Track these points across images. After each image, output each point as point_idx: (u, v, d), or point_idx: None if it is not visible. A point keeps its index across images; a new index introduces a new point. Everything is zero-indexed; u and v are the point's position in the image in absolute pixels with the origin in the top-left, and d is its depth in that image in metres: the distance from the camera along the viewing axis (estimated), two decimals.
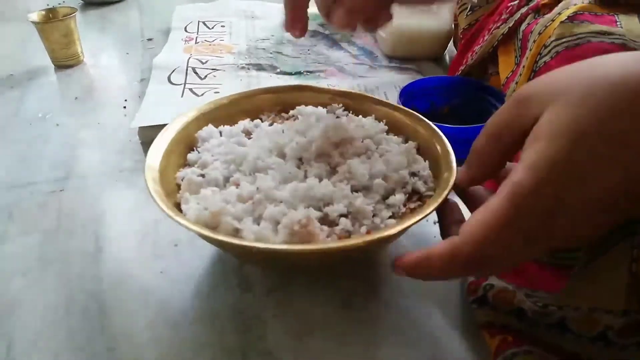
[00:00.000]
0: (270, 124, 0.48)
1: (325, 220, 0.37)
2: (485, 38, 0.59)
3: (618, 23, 0.46)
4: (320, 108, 0.48)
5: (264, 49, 0.80)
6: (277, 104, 0.50)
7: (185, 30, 0.85)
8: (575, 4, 0.49)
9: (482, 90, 0.60)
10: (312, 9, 0.97)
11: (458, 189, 0.37)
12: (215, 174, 0.41)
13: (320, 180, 0.39)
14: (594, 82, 0.26)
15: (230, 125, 0.47)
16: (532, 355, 0.33)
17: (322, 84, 0.69)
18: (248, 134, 0.46)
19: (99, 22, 0.94)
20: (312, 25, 0.90)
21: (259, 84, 0.68)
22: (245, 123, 0.48)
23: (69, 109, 0.66)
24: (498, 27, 0.57)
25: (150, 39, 0.86)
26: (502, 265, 0.30)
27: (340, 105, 0.49)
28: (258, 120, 0.49)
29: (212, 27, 0.87)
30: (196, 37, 0.83)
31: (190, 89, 0.66)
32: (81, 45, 0.77)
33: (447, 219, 0.36)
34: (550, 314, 0.33)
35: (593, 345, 0.31)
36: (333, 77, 0.72)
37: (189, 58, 0.74)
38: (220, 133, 0.46)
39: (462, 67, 0.63)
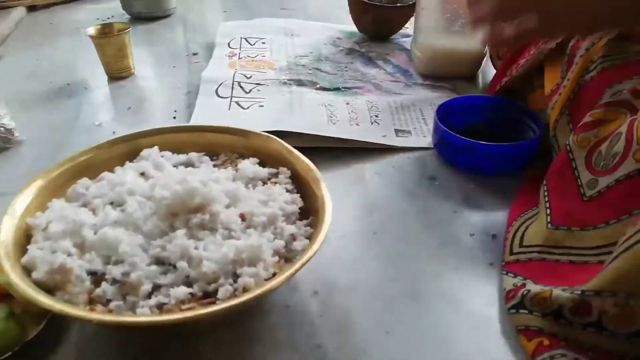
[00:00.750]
0: (218, 165, 0.49)
1: (97, 276, 0.37)
2: (532, 52, 0.62)
3: None
4: (262, 169, 0.47)
5: (303, 65, 0.84)
6: (245, 148, 0.50)
7: (229, 46, 0.90)
8: None
9: (516, 110, 0.63)
10: (351, 28, 1.01)
11: None
12: (92, 193, 0.43)
13: (161, 237, 0.39)
14: None
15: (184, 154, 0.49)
16: (566, 357, 0.35)
17: (360, 99, 0.73)
18: (190, 166, 0.48)
19: (147, 37, 1.00)
20: (348, 43, 0.94)
21: (301, 98, 0.72)
22: (193, 155, 0.49)
23: (123, 118, 0.72)
24: (545, 42, 0.60)
25: (195, 54, 0.91)
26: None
27: (288, 171, 0.47)
28: (206, 157, 0.49)
29: (254, 44, 0.92)
30: (239, 53, 0.87)
31: (237, 102, 0.70)
32: (132, 59, 0.83)
33: None
34: (588, 313, 0.35)
35: (628, 342, 0.34)
36: (370, 93, 0.76)
37: (235, 73, 0.79)
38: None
39: (505, 79, 0.66)
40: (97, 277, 0.37)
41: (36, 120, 0.70)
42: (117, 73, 0.81)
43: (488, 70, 0.83)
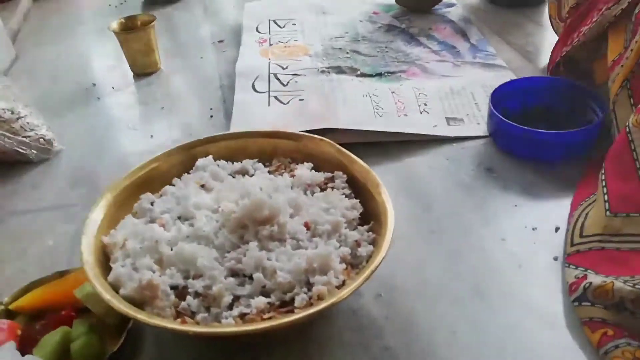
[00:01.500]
0: (272, 171, 0.56)
1: (179, 290, 0.44)
2: (594, 19, 0.67)
3: None
4: (318, 175, 0.54)
5: (340, 48, 0.91)
6: (297, 151, 0.57)
7: (257, 31, 0.98)
8: None
9: (577, 92, 0.69)
10: (388, 0, 1.07)
11: None
12: (158, 208, 0.51)
13: (233, 249, 0.47)
14: None
15: (238, 161, 0.57)
16: (630, 346, 0.43)
17: (406, 86, 0.80)
18: (245, 173, 0.56)
19: (165, 23, 1.08)
20: (386, 19, 1.00)
21: (342, 88, 0.79)
22: (247, 163, 0.57)
23: (158, 119, 0.80)
24: (609, 8, 0.64)
25: (221, 41, 0.99)
26: None
27: (344, 176, 0.54)
28: (260, 164, 0.57)
29: (284, 26, 0.99)
30: (269, 38, 0.95)
31: (276, 97, 0.78)
32: (159, 53, 0.91)
33: None
34: None
35: None
36: (415, 77, 0.83)
37: (269, 63, 0.86)
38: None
39: (566, 48, 0.72)
40: (178, 291, 0.45)
41: (69, 126, 0.79)
42: (144, 69, 0.90)
43: (544, 42, 0.88)
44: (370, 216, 0.51)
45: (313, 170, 0.55)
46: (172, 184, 0.55)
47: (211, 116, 0.79)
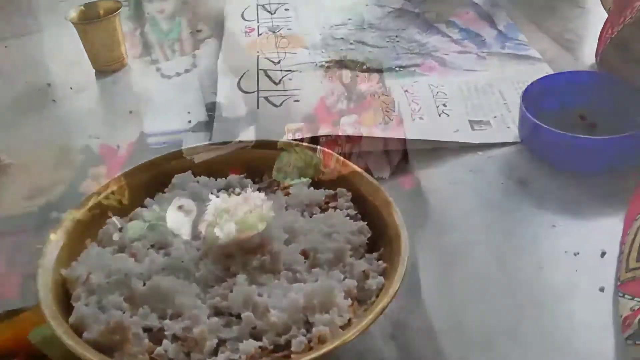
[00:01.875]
0: (263, 189, 0.56)
1: (154, 333, 0.45)
2: None
3: None
4: (317, 192, 0.55)
5: (342, 38, 0.93)
6: (294, 165, 0.58)
7: (243, 18, 0.99)
8: None
9: (626, 89, 0.69)
10: None
11: None
12: (128, 235, 0.52)
13: (218, 283, 0.47)
14: None
15: (222, 177, 0.58)
16: None
17: (421, 82, 0.81)
18: (230, 192, 0.56)
19: (132, 10, 1.09)
20: (397, 2, 1.02)
21: (345, 87, 0.80)
22: (233, 179, 0.58)
23: (125, 126, 0.81)
24: None
25: (199, 31, 1.00)
26: None
27: (349, 193, 0.55)
28: (248, 180, 0.58)
29: (275, 12, 1.01)
30: (258, 27, 0.96)
31: (266, 98, 0.79)
32: (125, 46, 0.92)
33: None
34: None
35: None
36: (432, 72, 0.84)
37: (258, 57, 0.87)
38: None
39: (617, 28, 0.72)
40: (153, 334, 0.45)
41: (19, 135, 0.80)
42: (107, 65, 0.91)
43: (586, 28, 0.89)
44: (380, 241, 0.52)
45: (312, 187, 0.56)
46: (144, 206, 0.56)
47: (189, 121, 0.80)
